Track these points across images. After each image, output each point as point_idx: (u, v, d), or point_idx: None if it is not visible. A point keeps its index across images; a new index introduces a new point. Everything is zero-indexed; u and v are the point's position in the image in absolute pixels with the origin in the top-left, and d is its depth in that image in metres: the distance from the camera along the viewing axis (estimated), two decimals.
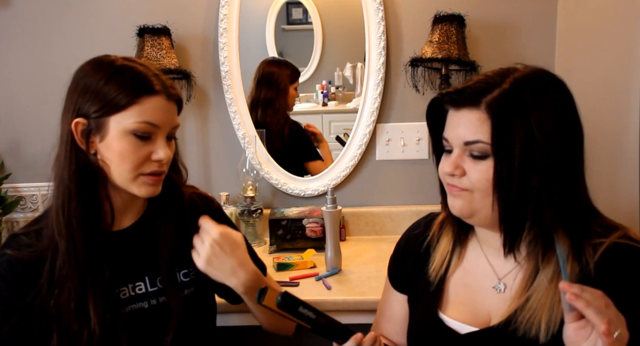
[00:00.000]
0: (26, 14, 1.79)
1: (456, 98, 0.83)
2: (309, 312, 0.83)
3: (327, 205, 1.48)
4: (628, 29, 1.31)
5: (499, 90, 0.80)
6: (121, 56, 0.97)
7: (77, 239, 0.92)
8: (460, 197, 0.85)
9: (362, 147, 1.82)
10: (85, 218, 0.93)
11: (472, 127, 0.81)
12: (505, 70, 0.85)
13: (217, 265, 0.98)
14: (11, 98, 1.83)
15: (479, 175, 0.81)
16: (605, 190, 1.46)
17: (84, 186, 0.93)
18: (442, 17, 1.66)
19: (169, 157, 0.95)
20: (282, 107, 1.90)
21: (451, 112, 0.85)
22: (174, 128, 0.98)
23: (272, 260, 1.57)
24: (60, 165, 0.94)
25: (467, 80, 0.88)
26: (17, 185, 1.85)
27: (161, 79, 0.95)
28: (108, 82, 0.91)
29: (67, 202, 0.92)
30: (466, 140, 0.82)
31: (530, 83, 0.82)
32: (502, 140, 0.79)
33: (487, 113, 0.79)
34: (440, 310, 0.92)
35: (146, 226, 1.03)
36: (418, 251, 1.00)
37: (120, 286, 0.98)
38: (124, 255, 0.99)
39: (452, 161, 0.84)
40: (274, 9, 1.92)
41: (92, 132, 0.92)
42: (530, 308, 0.82)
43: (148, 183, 0.95)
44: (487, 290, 0.90)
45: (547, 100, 0.81)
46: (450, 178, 0.85)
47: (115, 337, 0.93)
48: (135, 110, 0.91)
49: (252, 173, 1.77)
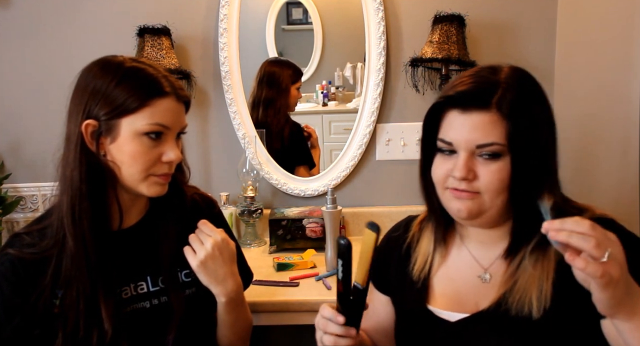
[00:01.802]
0: (26, 14, 1.79)
1: (465, 101, 0.82)
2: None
3: (327, 205, 1.48)
4: (628, 28, 1.31)
5: (502, 89, 0.81)
6: (129, 57, 0.97)
7: (88, 240, 0.92)
8: (469, 200, 0.83)
9: (362, 147, 1.82)
10: (95, 218, 0.93)
11: (485, 129, 0.80)
12: (491, 68, 0.86)
13: (212, 268, 0.99)
14: (11, 98, 1.83)
15: (493, 175, 0.81)
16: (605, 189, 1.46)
17: (94, 187, 0.93)
18: (442, 17, 1.66)
19: (179, 158, 0.96)
20: (283, 107, 1.90)
21: (454, 114, 0.84)
22: (183, 128, 0.99)
23: (272, 260, 1.57)
24: (68, 166, 0.93)
25: (457, 79, 0.87)
26: (17, 185, 1.85)
27: (170, 80, 0.95)
28: (119, 84, 0.91)
29: (78, 203, 0.92)
30: (479, 144, 0.81)
31: (523, 79, 0.85)
32: (518, 139, 0.80)
33: (499, 115, 0.80)
34: (429, 303, 0.93)
35: (149, 226, 1.03)
36: (399, 253, 1.01)
37: (122, 286, 0.98)
38: (126, 254, 0.99)
39: (463, 165, 0.82)
40: (274, 9, 1.92)
41: (102, 134, 0.92)
42: (519, 289, 0.83)
43: (159, 183, 0.96)
44: (473, 281, 0.91)
45: (539, 94, 0.85)
46: (459, 183, 0.83)
47: (118, 337, 0.93)
48: (146, 112, 0.91)
49: (252, 173, 1.77)
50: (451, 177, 0.84)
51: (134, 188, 0.96)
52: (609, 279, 0.65)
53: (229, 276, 1.01)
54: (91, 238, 0.93)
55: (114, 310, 0.93)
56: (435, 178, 0.88)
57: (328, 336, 0.84)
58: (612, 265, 0.65)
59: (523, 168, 0.80)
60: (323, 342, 0.85)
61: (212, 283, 1.00)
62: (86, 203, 0.92)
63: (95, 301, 0.92)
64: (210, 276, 1.00)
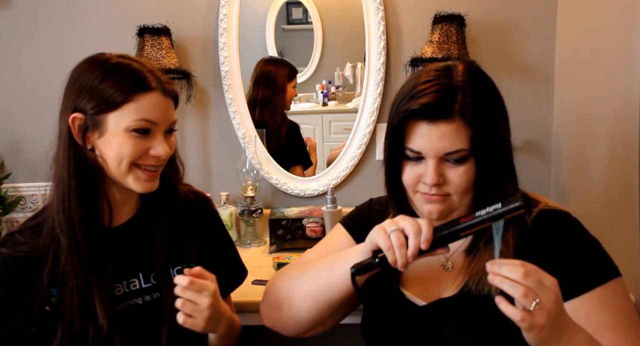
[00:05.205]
0: (26, 14, 1.79)
1: (429, 114, 0.84)
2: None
3: (327, 205, 1.49)
4: (628, 28, 1.31)
5: (460, 94, 0.83)
6: (116, 54, 0.97)
7: (79, 236, 0.93)
8: (440, 202, 0.88)
9: (362, 147, 1.82)
10: (86, 215, 0.93)
11: (452, 138, 0.83)
12: (446, 70, 0.87)
13: (214, 320, 0.92)
14: (11, 98, 1.83)
15: (461, 177, 0.86)
16: (604, 189, 1.46)
17: (83, 183, 0.93)
18: (442, 17, 1.66)
19: (167, 154, 0.96)
20: (279, 106, 1.90)
21: (419, 124, 0.85)
22: (172, 124, 0.98)
23: (272, 259, 1.57)
24: (59, 163, 0.94)
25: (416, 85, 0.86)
26: (17, 185, 1.86)
27: (156, 74, 0.95)
28: (104, 79, 0.91)
29: (67, 199, 0.93)
30: (447, 152, 0.84)
31: (477, 77, 0.87)
32: (481, 143, 0.84)
33: (463, 122, 0.83)
34: (401, 286, 0.96)
35: (141, 223, 1.03)
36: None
37: (115, 282, 0.99)
38: (119, 251, 1.00)
39: (434, 172, 0.85)
40: (274, 9, 1.92)
41: (89, 128, 0.92)
42: (478, 272, 0.88)
43: (143, 179, 0.95)
44: (437, 269, 0.95)
45: (493, 92, 0.88)
46: (429, 188, 0.86)
47: (112, 333, 0.94)
48: (132, 108, 0.91)
49: (252, 173, 1.77)
50: (422, 182, 0.88)
51: (122, 183, 0.95)
52: (531, 324, 0.70)
53: (222, 312, 0.95)
54: (82, 234, 0.93)
55: (109, 306, 0.93)
56: (407, 183, 0.90)
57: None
58: (538, 314, 0.70)
59: (486, 168, 0.86)
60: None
61: (214, 329, 0.96)
62: (76, 200, 0.92)
63: (90, 297, 0.92)
64: (213, 326, 0.94)
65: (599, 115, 1.46)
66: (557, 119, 1.78)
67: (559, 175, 1.75)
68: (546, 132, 1.79)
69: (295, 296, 0.97)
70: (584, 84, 1.57)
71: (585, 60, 1.56)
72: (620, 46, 1.34)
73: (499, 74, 1.72)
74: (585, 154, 1.54)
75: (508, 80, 1.76)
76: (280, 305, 0.99)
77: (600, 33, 1.47)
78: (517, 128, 0.92)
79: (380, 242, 0.82)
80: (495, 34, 1.76)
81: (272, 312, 1.02)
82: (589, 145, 1.51)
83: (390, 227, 0.82)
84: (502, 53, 1.77)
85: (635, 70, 1.27)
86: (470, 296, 0.88)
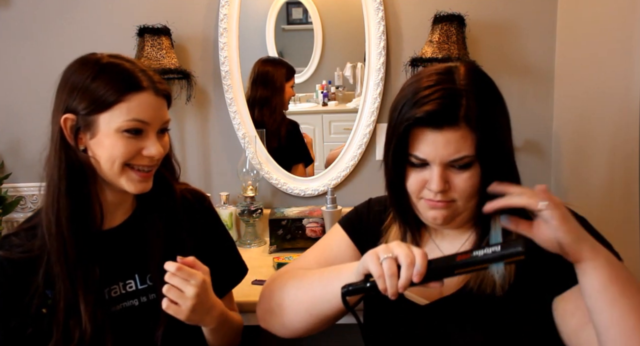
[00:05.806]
0: (26, 14, 1.79)
1: (434, 121, 0.82)
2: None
3: (327, 205, 1.49)
4: (628, 28, 1.31)
5: (465, 99, 0.82)
6: (107, 53, 0.96)
7: (67, 238, 0.92)
8: (445, 208, 0.87)
9: (362, 147, 1.82)
10: (75, 217, 0.93)
11: (457, 145, 0.83)
12: (448, 72, 0.86)
13: (199, 311, 0.92)
14: (11, 98, 1.83)
15: (465, 183, 0.85)
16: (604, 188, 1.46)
17: (74, 184, 0.92)
18: (442, 17, 1.66)
19: (160, 154, 0.95)
20: (278, 105, 1.90)
21: (424, 131, 0.84)
22: (165, 123, 0.97)
23: (272, 259, 1.57)
24: (50, 164, 0.94)
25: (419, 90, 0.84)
26: (17, 185, 1.85)
27: (148, 74, 0.94)
28: (95, 79, 0.90)
29: (57, 200, 0.92)
30: (452, 159, 0.83)
31: (479, 80, 0.86)
32: (486, 148, 0.83)
33: (468, 129, 0.82)
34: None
35: (136, 224, 1.02)
36: (378, 228, 1.02)
37: (111, 284, 0.98)
38: (115, 253, 0.99)
39: (439, 178, 0.84)
40: (274, 9, 1.92)
41: (81, 129, 0.92)
42: (479, 274, 0.88)
43: (136, 180, 0.94)
44: None
45: (495, 94, 0.88)
46: (435, 195, 0.86)
47: (101, 335, 0.93)
48: (123, 108, 0.90)
49: (252, 173, 1.77)
50: (427, 189, 0.87)
51: (115, 184, 0.95)
52: (557, 204, 0.74)
53: (211, 304, 0.95)
54: (70, 236, 0.92)
55: (94, 308, 0.92)
56: (411, 190, 0.89)
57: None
58: (552, 198, 0.75)
59: (491, 172, 0.85)
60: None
61: (201, 321, 0.95)
62: (65, 201, 0.92)
63: (75, 301, 0.92)
64: (199, 318, 0.93)
65: (598, 115, 1.46)
66: (557, 119, 1.78)
67: (559, 174, 1.75)
68: (546, 131, 1.79)
69: (289, 305, 0.96)
70: (584, 83, 1.56)
71: (585, 60, 1.56)
72: (620, 46, 1.34)
73: (499, 74, 1.72)
74: (585, 154, 1.54)
75: (508, 80, 1.76)
76: (274, 311, 0.99)
77: (600, 33, 1.47)
78: (517, 128, 0.92)
79: (372, 268, 0.79)
80: (495, 34, 1.76)
81: (266, 316, 1.01)
82: (589, 145, 1.51)
83: (384, 254, 0.79)
84: (502, 53, 1.77)
85: (635, 70, 1.27)
86: (472, 294, 0.88)
